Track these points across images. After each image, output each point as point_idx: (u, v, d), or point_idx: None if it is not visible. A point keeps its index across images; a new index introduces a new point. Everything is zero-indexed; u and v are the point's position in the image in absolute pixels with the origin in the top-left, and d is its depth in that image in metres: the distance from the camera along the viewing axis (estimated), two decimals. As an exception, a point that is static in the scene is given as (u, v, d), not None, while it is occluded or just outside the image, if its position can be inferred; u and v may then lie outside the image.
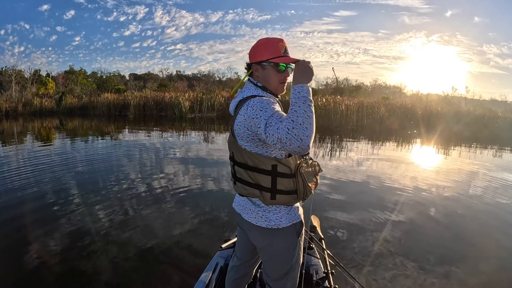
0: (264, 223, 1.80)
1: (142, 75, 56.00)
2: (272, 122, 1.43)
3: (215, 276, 2.59)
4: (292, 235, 1.83)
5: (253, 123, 1.54)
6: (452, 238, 4.59)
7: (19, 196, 5.86)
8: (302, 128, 1.34)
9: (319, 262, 2.82)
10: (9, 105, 23.53)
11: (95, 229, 4.52)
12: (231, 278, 2.26)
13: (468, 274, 3.64)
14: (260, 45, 1.75)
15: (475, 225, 5.17)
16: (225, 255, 2.88)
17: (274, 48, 1.72)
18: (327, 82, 43.10)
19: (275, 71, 1.74)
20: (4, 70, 36.21)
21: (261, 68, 1.75)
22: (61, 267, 3.60)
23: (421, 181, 7.57)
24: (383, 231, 4.65)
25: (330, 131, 17.45)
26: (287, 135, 1.33)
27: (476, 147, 13.67)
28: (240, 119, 1.63)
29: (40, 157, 9.51)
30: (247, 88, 1.79)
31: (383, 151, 11.85)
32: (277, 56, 1.71)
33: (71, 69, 44.64)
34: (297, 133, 1.32)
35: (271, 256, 1.90)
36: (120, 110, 25.49)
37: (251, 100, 1.62)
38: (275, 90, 1.78)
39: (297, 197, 1.74)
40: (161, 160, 9.36)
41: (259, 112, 1.52)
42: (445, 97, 36.02)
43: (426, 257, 3.94)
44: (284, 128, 1.35)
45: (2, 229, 4.55)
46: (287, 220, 1.79)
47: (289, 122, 1.36)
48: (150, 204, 5.51)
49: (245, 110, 1.60)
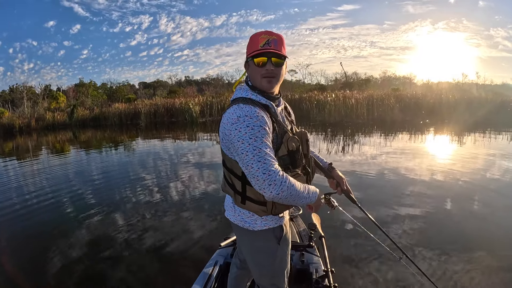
0: (240, 222, 1.79)
1: (152, 83, 56.32)
2: (260, 164, 1.45)
3: (215, 274, 2.60)
4: (268, 240, 1.78)
5: (228, 139, 1.57)
6: (468, 229, 4.54)
7: (41, 206, 6.04)
8: (285, 195, 1.46)
9: (319, 260, 2.80)
10: (22, 121, 23.87)
11: (112, 233, 4.63)
12: (233, 274, 2.27)
13: (491, 261, 3.61)
14: (248, 41, 1.68)
15: (493, 212, 5.09)
16: (225, 253, 2.88)
17: (254, 42, 1.64)
18: (336, 78, 42.91)
19: (255, 66, 1.64)
20: (15, 88, 36.83)
21: (248, 65, 1.70)
22: (81, 271, 3.71)
23: (436, 171, 7.49)
24: (401, 223, 4.64)
25: (342, 126, 17.36)
26: (273, 187, 1.43)
27: (491, 133, 13.44)
28: (222, 122, 1.61)
29: (56, 169, 9.70)
30: (238, 88, 1.74)
31: (396, 143, 11.72)
32: (255, 50, 1.62)
33: (81, 82, 45.14)
34: (280, 193, 1.44)
35: (251, 257, 1.90)
36: (132, 119, 25.66)
37: (231, 107, 1.59)
38: (260, 87, 1.66)
39: (266, 210, 1.67)
40: (173, 165, 9.42)
41: (236, 137, 1.50)
42: (456, 84, 35.54)
43: (440, 250, 3.91)
44: (278, 181, 1.44)
45: (25, 237, 4.75)
46: (262, 223, 1.75)
47: (287, 188, 1.45)
48: (164, 209, 5.59)
49: (225, 117, 1.59)
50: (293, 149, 1.63)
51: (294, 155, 1.64)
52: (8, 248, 4.48)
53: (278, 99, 1.76)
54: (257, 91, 1.67)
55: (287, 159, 1.62)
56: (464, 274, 3.39)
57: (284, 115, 1.81)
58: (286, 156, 1.62)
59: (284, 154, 1.62)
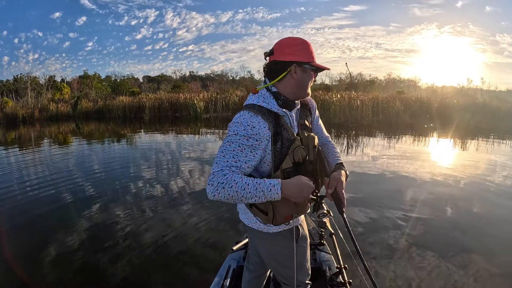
0: (255, 225, 1.77)
1: (156, 77, 56.35)
2: (215, 166, 1.47)
3: (228, 279, 2.58)
4: (287, 240, 1.75)
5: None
6: (471, 232, 4.52)
7: (42, 197, 6.07)
8: (224, 196, 1.41)
9: (331, 257, 2.81)
10: (25, 111, 23.87)
11: (114, 227, 4.66)
12: (246, 278, 2.25)
13: (489, 266, 3.60)
14: (300, 43, 1.58)
15: (494, 217, 5.07)
16: (237, 257, 2.87)
17: (310, 50, 1.60)
18: (340, 78, 42.86)
19: (313, 75, 1.64)
20: (19, 78, 36.86)
21: (301, 70, 1.59)
22: (81, 264, 3.75)
23: (439, 175, 7.46)
24: (402, 225, 4.63)
25: (346, 127, 17.32)
26: (209, 187, 1.41)
27: (494, 140, 13.39)
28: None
29: (58, 160, 9.75)
30: (251, 95, 1.66)
31: (400, 146, 11.70)
32: (317, 63, 1.61)
33: (85, 73, 45.07)
34: (216, 194, 1.40)
35: (270, 258, 1.89)
36: (136, 112, 25.69)
37: (241, 114, 1.55)
38: (300, 96, 1.67)
39: (268, 219, 1.62)
40: (177, 160, 9.44)
41: (225, 141, 1.52)
42: (460, 89, 35.40)
43: (442, 252, 3.90)
44: (215, 182, 1.41)
45: (25, 227, 4.77)
46: (277, 226, 1.71)
47: (223, 189, 1.40)
48: (167, 204, 5.61)
49: (232, 120, 1.57)
50: (299, 160, 1.58)
51: (299, 166, 1.59)
52: (8, 238, 4.49)
53: (296, 104, 1.70)
54: (282, 98, 1.62)
55: (292, 171, 1.56)
56: (467, 277, 3.37)
57: (299, 117, 1.77)
58: (291, 169, 1.57)
59: (289, 166, 1.57)
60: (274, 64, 1.61)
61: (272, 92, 1.62)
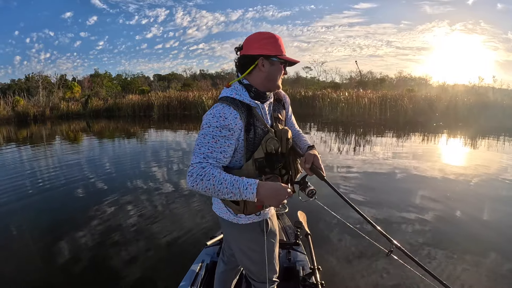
0: (225, 215, 1.81)
1: (166, 75, 56.43)
2: (193, 157, 1.54)
3: (201, 273, 2.61)
4: (255, 232, 1.81)
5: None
6: (482, 232, 4.52)
7: (52, 193, 6.21)
8: (202, 188, 1.47)
9: (305, 258, 2.82)
10: (37, 109, 24.10)
11: (120, 224, 4.74)
12: (220, 269, 2.29)
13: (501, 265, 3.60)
14: (267, 37, 1.65)
15: (503, 217, 5.06)
16: (211, 252, 2.89)
17: (278, 44, 1.66)
18: (351, 76, 42.67)
19: (282, 68, 1.69)
20: (31, 77, 37.25)
21: (269, 63, 1.66)
22: (90, 261, 3.81)
23: (448, 174, 7.42)
24: (412, 225, 4.66)
25: (354, 126, 17.25)
26: (189, 178, 1.48)
27: (505, 139, 13.23)
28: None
29: (69, 158, 9.89)
30: (225, 88, 1.72)
31: (408, 144, 11.62)
32: (286, 56, 1.68)
33: (96, 72, 45.46)
34: (194, 185, 1.48)
35: (239, 250, 1.91)
36: (145, 110, 25.85)
37: (214, 106, 1.62)
38: (270, 88, 1.73)
39: (239, 209, 1.66)
40: (185, 157, 9.48)
41: (200, 133, 1.58)
42: (472, 87, 34.98)
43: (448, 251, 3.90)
44: (194, 173, 1.48)
45: (36, 224, 4.86)
46: (246, 218, 1.78)
47: (201, 181, 1.46)
48: (172, 201, 5.68)
49: (206, 112, 1.62)
50: (271, 151, 1.65)
51: (271, 157, 1.66)
52: (19, 234, 4.60)
53: (269, 96, 1.77)
54: (254, 90, 1.69)
55: (263, 162, 1.64)
56: (469, 274, 3.39)
57: (272, 110, 1.82)
58: (263, 159, 1.64)
59: (261, 156, 1.64)
60: (243, 58, 1.69)
61: (244, 85, 1.69)
